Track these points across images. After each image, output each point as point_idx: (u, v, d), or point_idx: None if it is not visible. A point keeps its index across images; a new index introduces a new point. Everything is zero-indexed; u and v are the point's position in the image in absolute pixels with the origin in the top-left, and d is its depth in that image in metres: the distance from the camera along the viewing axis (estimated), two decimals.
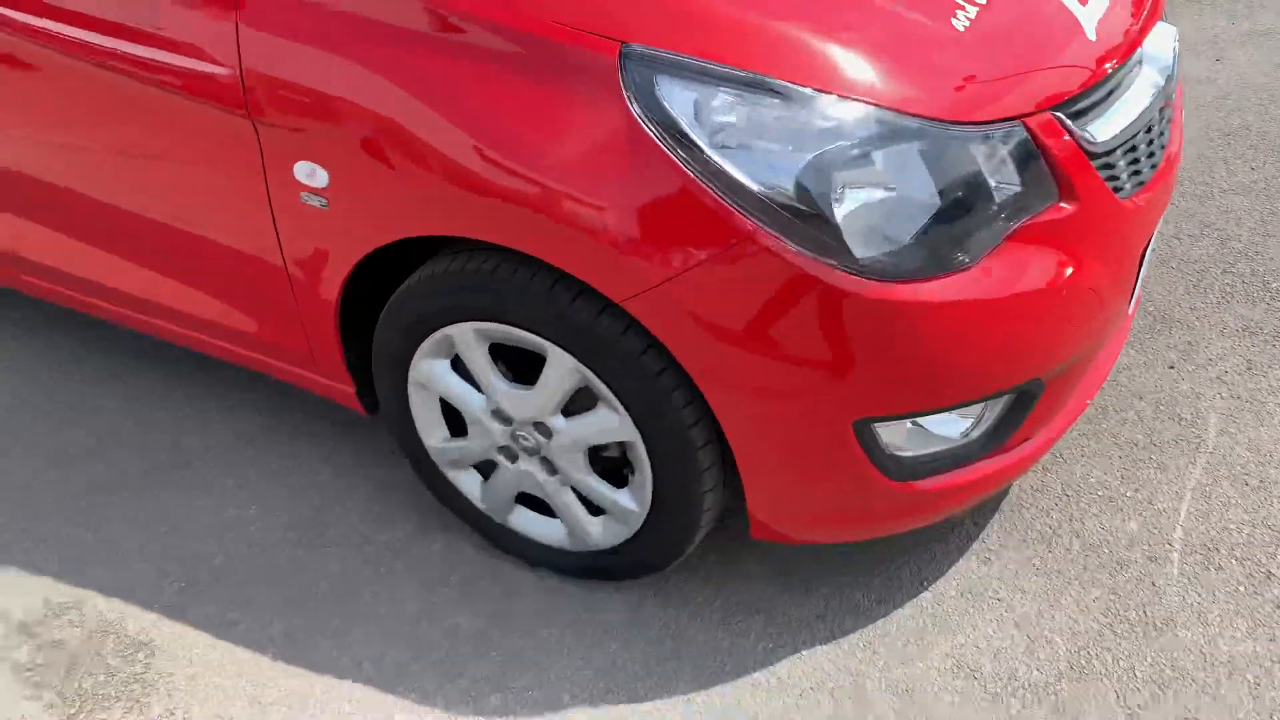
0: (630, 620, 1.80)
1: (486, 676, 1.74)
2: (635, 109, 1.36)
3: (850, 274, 1.36)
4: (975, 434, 1.59)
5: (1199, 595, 1.77)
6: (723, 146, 1.35)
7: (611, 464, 1.74)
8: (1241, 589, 1.77)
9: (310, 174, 1.61)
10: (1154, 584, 1.79)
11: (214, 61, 1.60)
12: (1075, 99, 1.47)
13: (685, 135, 1.35)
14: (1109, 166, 1.52)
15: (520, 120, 1.42)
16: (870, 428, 1.48)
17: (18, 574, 1.98)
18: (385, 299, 1.76)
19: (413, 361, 1.75)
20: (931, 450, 1.56)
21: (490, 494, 1.87)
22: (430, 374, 1.75)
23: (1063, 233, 1.48)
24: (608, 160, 1.39)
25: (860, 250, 1.35)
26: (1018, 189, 1.42)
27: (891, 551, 1.88)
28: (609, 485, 1.71)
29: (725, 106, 1.35)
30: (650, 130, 1.36)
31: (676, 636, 1.77)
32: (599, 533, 1.77)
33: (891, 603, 1.80)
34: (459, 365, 1.74)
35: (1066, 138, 1.44)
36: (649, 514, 1.68)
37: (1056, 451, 2.03)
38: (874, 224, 1.36)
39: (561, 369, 1.59)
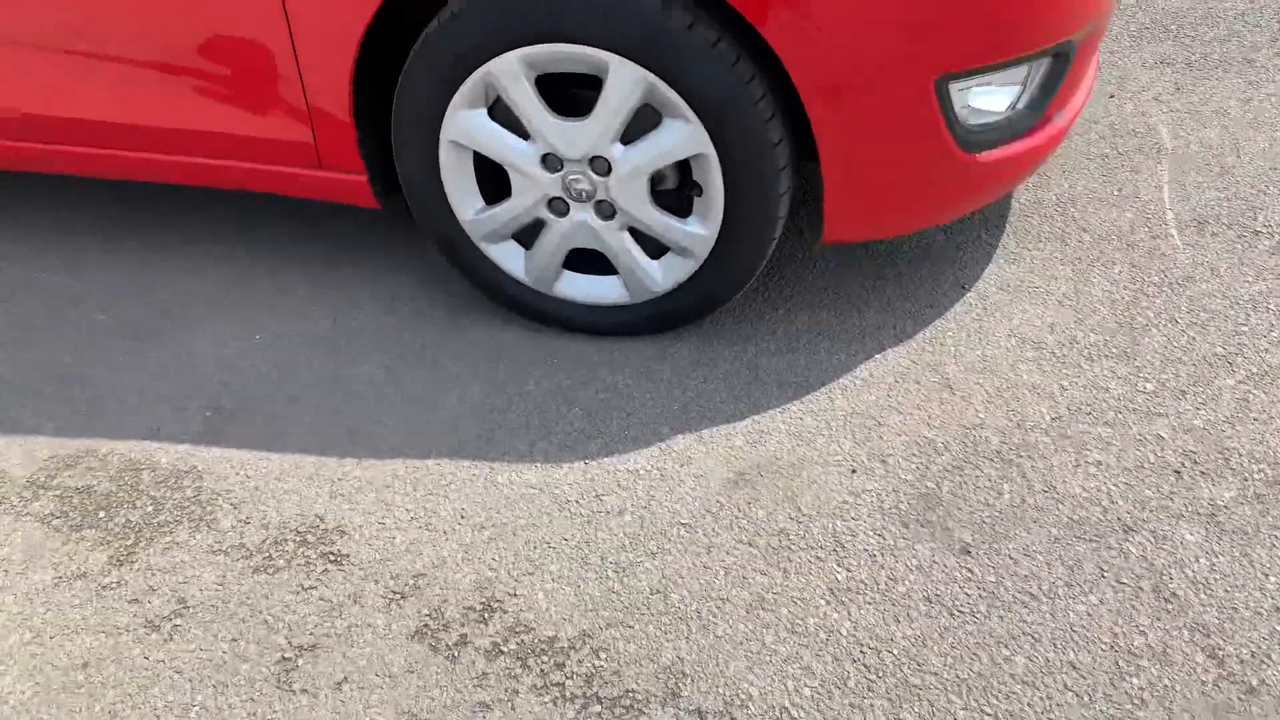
0: (700, 360, 1.79)
1: (578, 430, 1.69)
2: None
3: None
4: (1020, 105, 1.66)
5: (1205, 255, 1.92)
6: None
7: (666, 201, 1.71)
8: (1238, 245, 1.94)
9: None
10: (1164, 254, 1.94)
11: None
12: None
13: None
14: None
15: None
16: (947, 88, 1.52)
17: (6, 438, 1.76)
18: (392, 82, 1.66)
19: (446, 115, 1.65)
20: (987, 121, 1.62)
21: (535, 262, 1.80)
22: (468, 127, 1.66)
23: None
24: None
25: None
26: None
27: (928, 269, 1.94)
28: (674, 216, 1.68)
29: None
30: None
31: (751, 365, 1.78)
32: (661, 275, 1.74)
33: (941, 305, 1.86)
34: (495, 115, 1.67)
35: None
36: (718, 238, 1.67)
37: (1042, 172, 2.15)
38: None
39: (625, 83, 1.54)
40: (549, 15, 1.51)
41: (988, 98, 1.63)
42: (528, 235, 1.80)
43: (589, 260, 1.81)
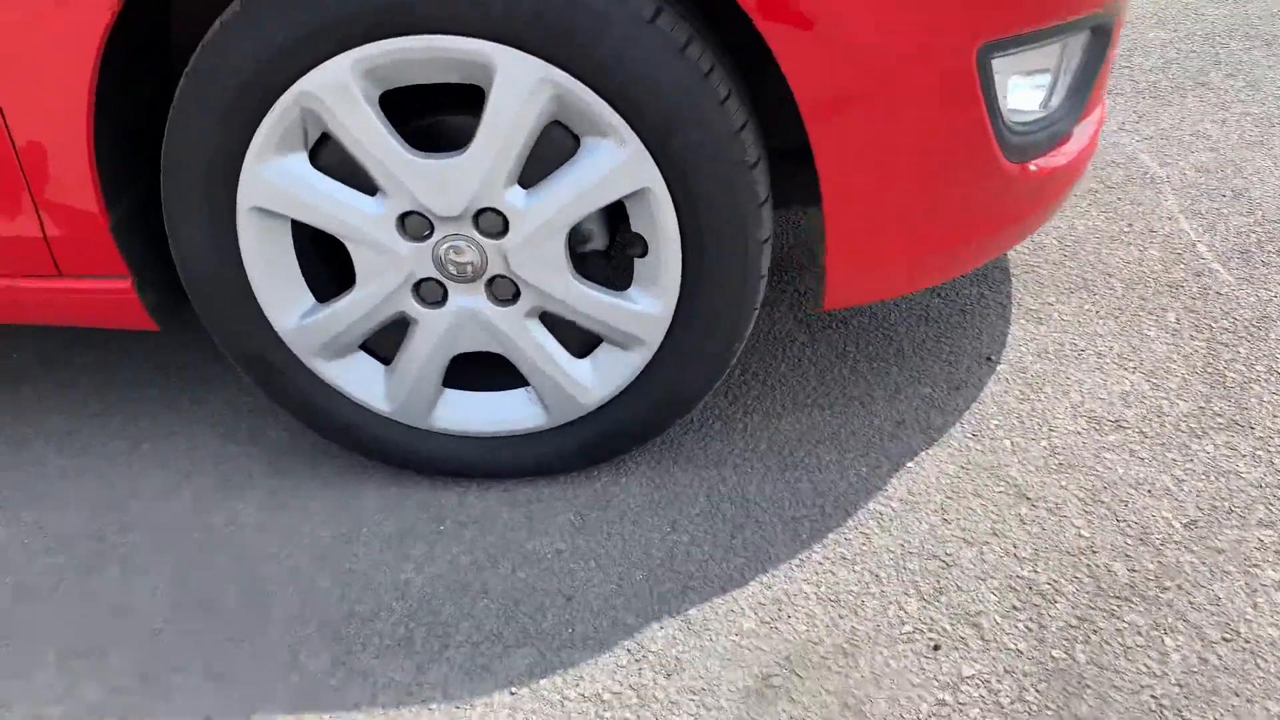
0: (660, 499, 1.21)
1: (490, 635, 1.07)
2: None
3: None
4: (1055, 102, 1.21)
5: (1269, 288, 1.51)
6: None
7: (593, 270, 1.16)
8: None
9: None
10: (1219, 293, 1.51)
11: None
12: None
13: None
14: None
15: None
16: (990, 67, 1.05)
17: None
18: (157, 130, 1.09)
19: (243, 169, 1.07)
20: (1030, 119, 1.16)
21: (400, 383, 1.20)
22: (279, 183, 1.07)
23: None
24: None
25: None
26: None
27: (935, 342, 1.45)
28: (607, 289, 1.13)
29: None
30: None
31: (735, 497, 1.21)
32: (594, 380, 1.18)
33: (971, 386, 1.36)
34: (319, 162, 1.09)
35: None
36: (674, 315, 1.12)
37: None
38: None
39: (521, 88, 1.00)
40: None
41: (1019, 92, 1.18)
42: (385, 341, 1.21)
43: (481, 371, 1.23)
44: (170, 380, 1.47)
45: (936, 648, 1.01)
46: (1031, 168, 1.16)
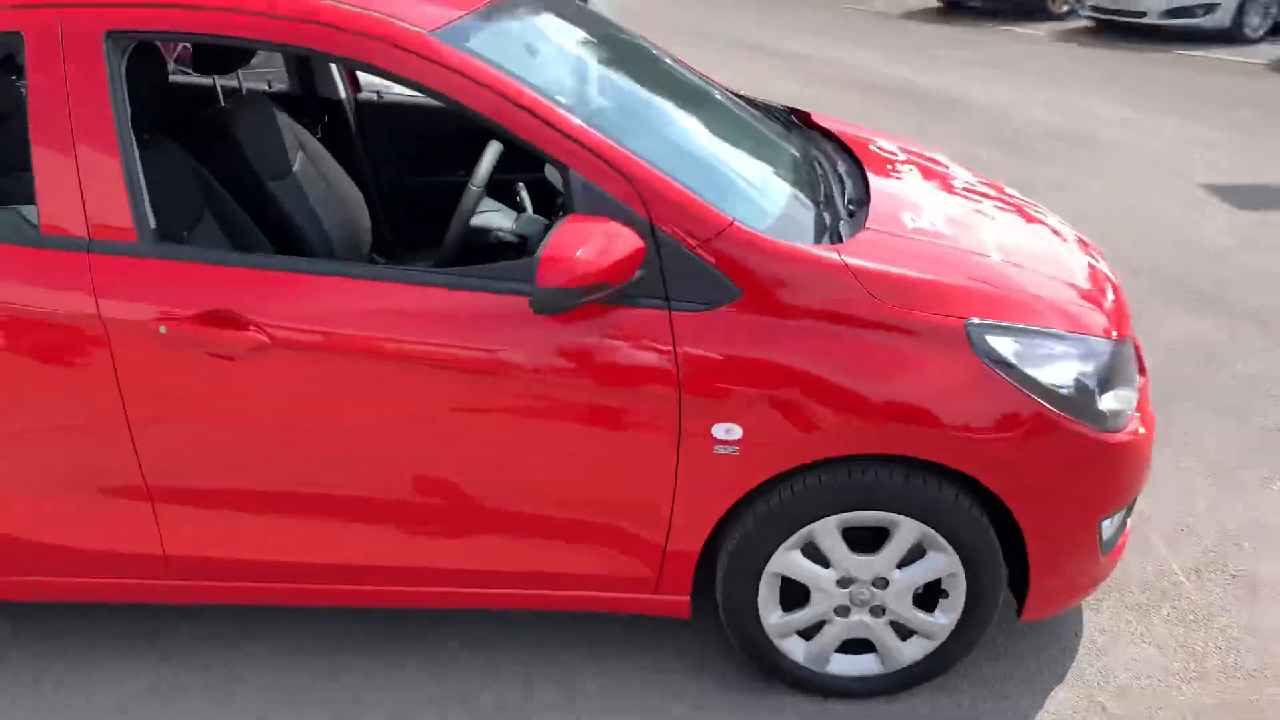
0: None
1: None
2: (981, 355, 2.21)
3: (1101, 432, 2.30)
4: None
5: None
6: (1029, 367, 2.25)
7: (917, 601, 2.45)
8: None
9: (727, 430, 2.21)
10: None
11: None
12: None
13: (1008, 362, 2.23)
14: None
15: (908, 370, 2.20)
16: (1100, 525, 2.40)
17: None
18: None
19: (772, 555, 2.35)
20: (1108, 537, 2.51)
21: (814, 650, 2.48)
22: (788, 563, 2.37)
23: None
24: (959, 386, 2.21)
25: (1105, 417, 2.31)
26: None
27: (995, 700, 2.76)
28: (924, 612, 2.43)
29: (1030, 345, 2.26)
30: (987, 363, 2.21)
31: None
32: (910, 651, 2.47)
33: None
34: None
35: None
36: (956, 625, 2.43)
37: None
38: (1114, 407, 2.33)
39: (908, 534, 2.32)
40: (866, 496, 2.28)
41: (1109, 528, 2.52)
42: (808, 630, 2.49)
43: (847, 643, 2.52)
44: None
45: None
46: (1106, 559, 2.50)
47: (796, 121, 3.31)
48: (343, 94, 3.61)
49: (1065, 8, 13.22)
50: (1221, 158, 6.95)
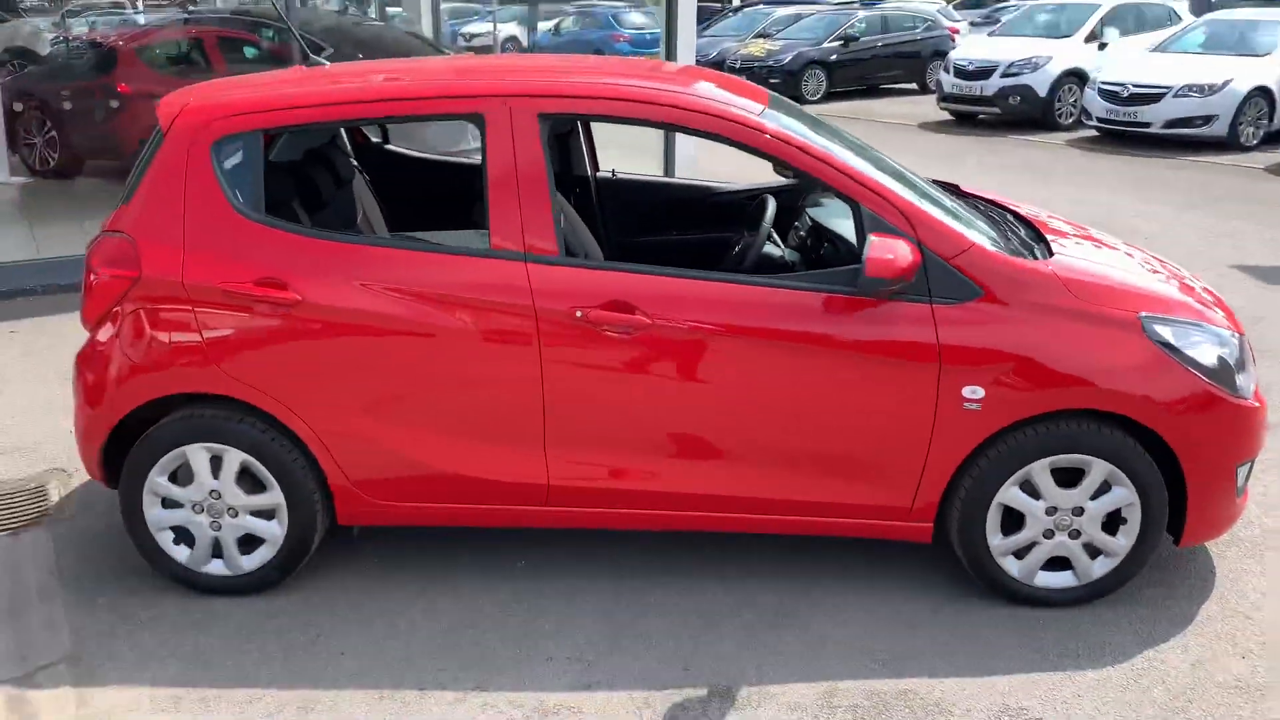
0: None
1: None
2: (1153, 340, 3.11)
3: (1239, 399, 3.18)
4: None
5: None
6: (1186, 349, 3.14)
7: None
8: None
9: (973, 391, 3.08)
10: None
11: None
12: None
13: (1171, 344, 3.12)
14: None
15: (1101, 348, 3.09)
16: (1237, 470, 3.25)
17: None
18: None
19: (999, 489, 3.19)
20: (1241, 482, 3.35)
21: (1027, 565, 3.29)
22: (1011, 495, 3.20)
23: None
24: (1137, 360, 3.10)
25: (1240, 388, 3.19)
26: None
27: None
28: (1109, 536, 3.25)
29: (1181, 333, 3.16)
30: (1156, 344, 3.11)
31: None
32: (1099, 568, 3.28)
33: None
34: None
35: None
36: (1132, 548, 3.25)
37: None
38: (1244, 382, 3.22)
39: (1099, 473, 3.16)
40: (1070, 440, 3.13)
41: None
42: (1021, 550, 3.30)
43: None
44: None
45: None
46: (1241, 501, 3.35)
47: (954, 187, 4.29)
48: (588, 171, 4.56)
49: (1070, 120, 14.53)
50: (1243, 244, 8.00)
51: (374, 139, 4.63)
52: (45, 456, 4.48)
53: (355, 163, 4.28)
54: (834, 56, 17.58)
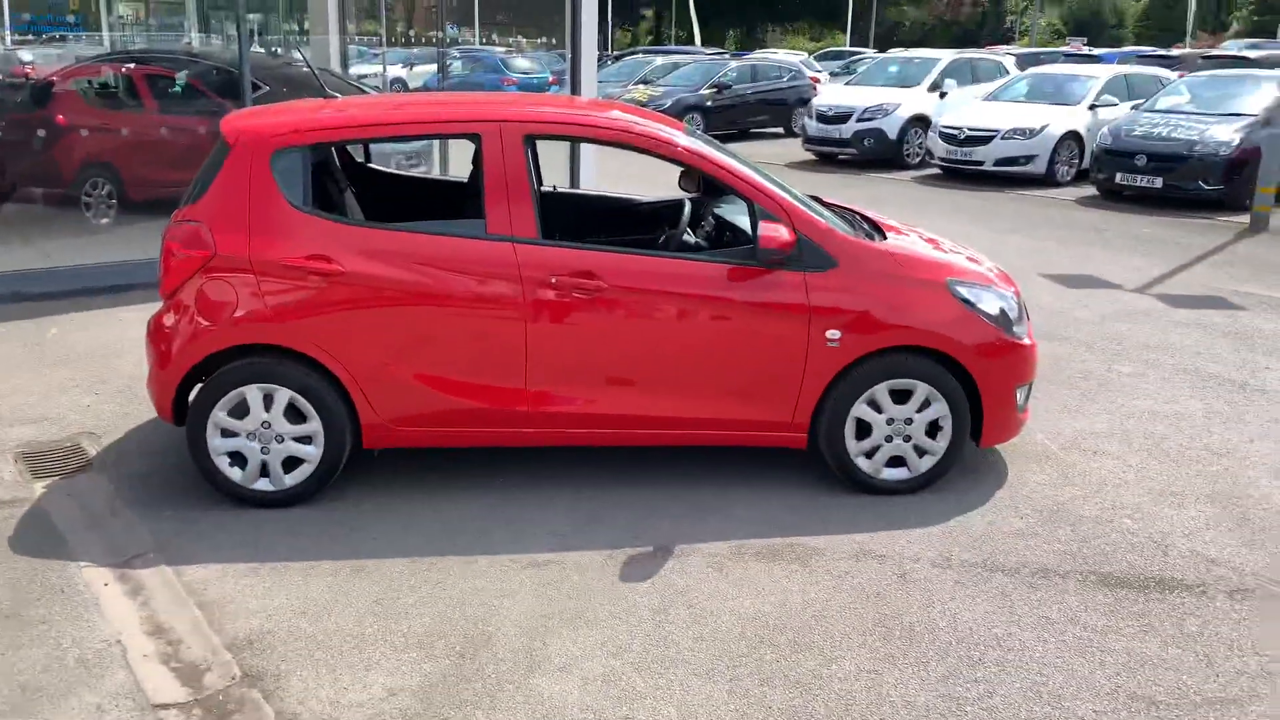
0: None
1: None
2: (955, 296, 4.44)
3: (1016, 339, 4.55)
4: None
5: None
6: (979, 304, 4.49)
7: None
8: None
9: (833, 334, 4.34)
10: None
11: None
12: None
13: (969, 300, 4.46)
14: None
15: (921, 303, 4.40)
16: (1015, 391, 4.61)
17: None
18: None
19: (853, 405, 4.45)
20: (1020, 401, 4.71)
21: (874, 463, 4.57)
22: (862, 411, 4.47)
23: None
24: (946, 311, 4.44)
25: (1016, 332, 4.56)
26: None
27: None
28: (930, 439, 4.54)
29: (976, 292, 4.51)
30: (959, 300, 4.45)
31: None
32: (924, 464, 4.57)
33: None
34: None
35: None
36: (946, 450, 4.55)
37: None
38: (1019, 327, 4.60)
39: (922, 393, 4.47)
40: (902, 369, 4.43)
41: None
42: (870, 452, 4.56)
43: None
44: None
45: None
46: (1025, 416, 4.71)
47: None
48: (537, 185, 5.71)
49: (917, 159, 16.44)
50: (1051, 259, 9.70)
51: (357, 159, 5.67)
52: (73, 424, 5.31)
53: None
54: (709, 103, 19.22)
